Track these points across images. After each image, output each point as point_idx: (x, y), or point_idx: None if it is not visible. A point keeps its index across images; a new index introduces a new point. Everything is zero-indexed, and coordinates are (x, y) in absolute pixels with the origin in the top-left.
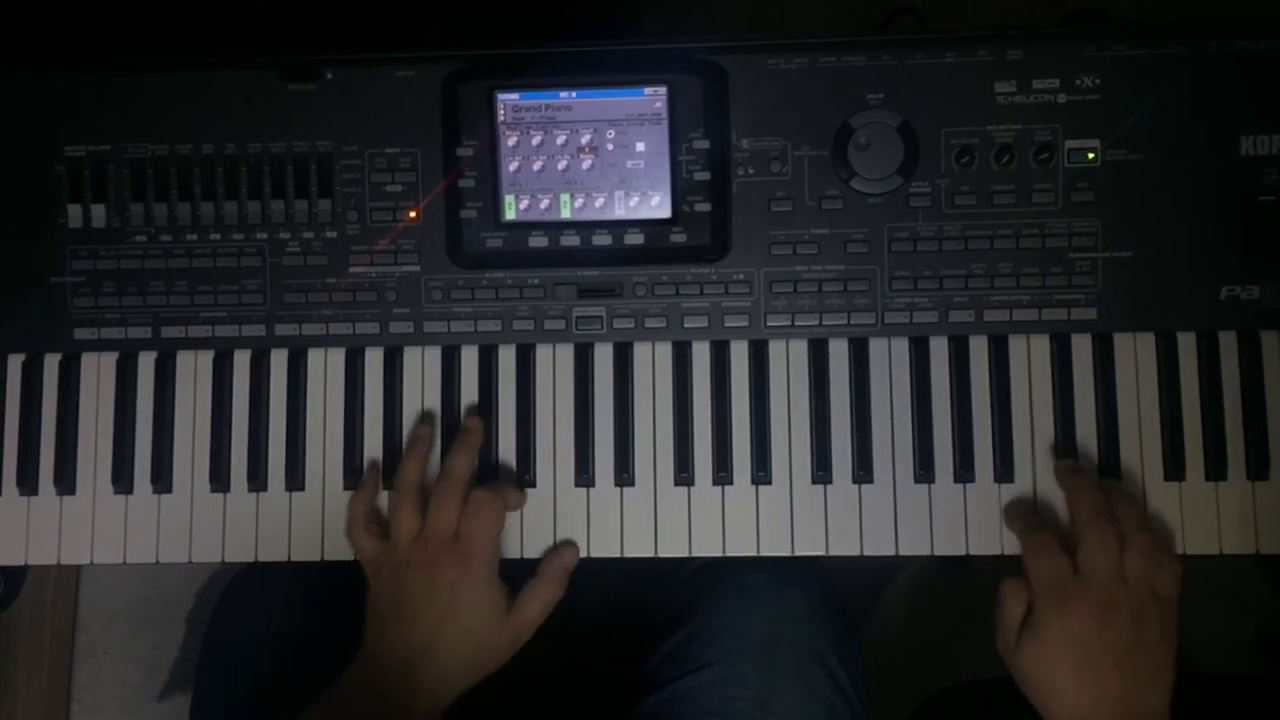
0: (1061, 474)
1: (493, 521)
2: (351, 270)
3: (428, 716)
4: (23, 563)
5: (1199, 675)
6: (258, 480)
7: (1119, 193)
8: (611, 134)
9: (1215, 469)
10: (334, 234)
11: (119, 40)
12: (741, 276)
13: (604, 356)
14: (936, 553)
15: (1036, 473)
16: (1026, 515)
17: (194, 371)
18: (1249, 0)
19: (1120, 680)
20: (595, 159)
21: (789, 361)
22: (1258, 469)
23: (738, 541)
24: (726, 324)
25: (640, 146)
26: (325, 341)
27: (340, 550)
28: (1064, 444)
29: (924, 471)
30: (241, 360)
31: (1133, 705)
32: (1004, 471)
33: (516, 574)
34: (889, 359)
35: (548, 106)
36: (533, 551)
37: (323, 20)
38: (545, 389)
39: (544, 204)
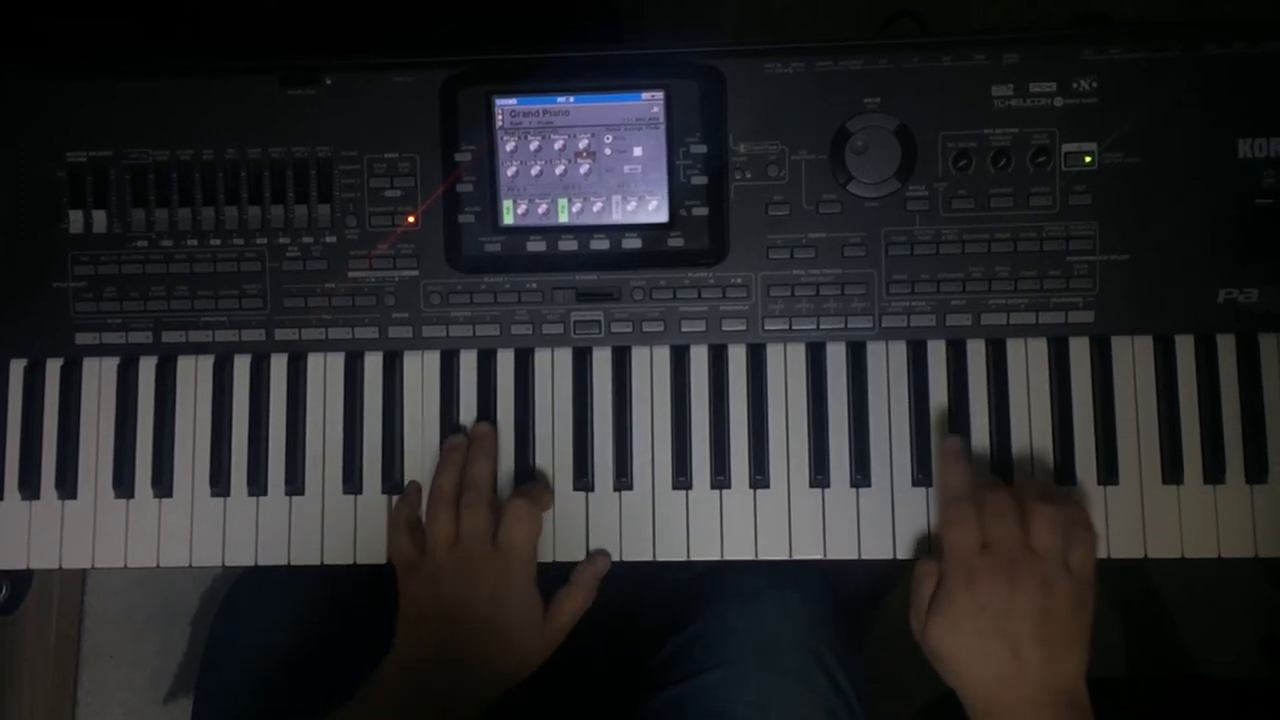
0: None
1: (531, 528)
2: (350, 275)
3: None
4: (24, 566)
5: (1204, 678)
6: (258, 484)
7: (1116, 196)
8: (609, 138)
9: (1214, 472)
10: (333, 239)
11: (119, 41)
12: (739, 280)
13: (602, 360)
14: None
15: (1035, 476)
16: (949, 489)
17: (194, 376)
18: (1247, 3)
19: (1034, 648)
20: (593, 164)
21: (787, 365)
22: (1256, 472)
23: (735, 545)
24: (724, 328)
25: (638, 151)
26: (324, 346)
27: (339, 554)
28: (1062, 447)
29: (922, 475)
30: (241, 365)
31: (1047, 675)
32: (1002, 474)
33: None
34: (886, 362)
35: (545, 111)
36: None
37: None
38: (544, 393)
39: (542, 208)
